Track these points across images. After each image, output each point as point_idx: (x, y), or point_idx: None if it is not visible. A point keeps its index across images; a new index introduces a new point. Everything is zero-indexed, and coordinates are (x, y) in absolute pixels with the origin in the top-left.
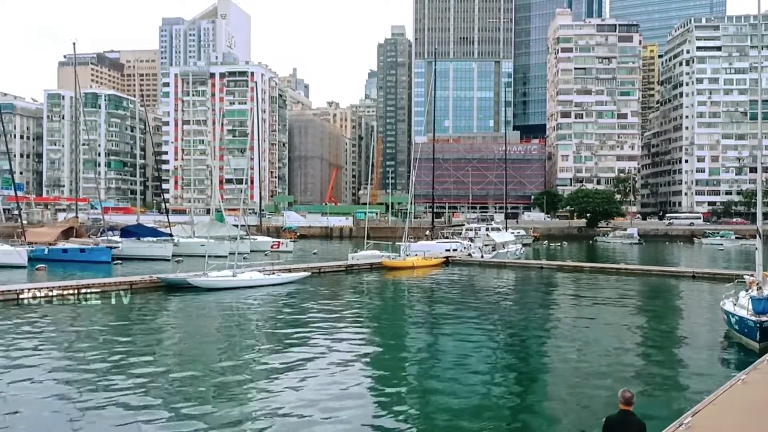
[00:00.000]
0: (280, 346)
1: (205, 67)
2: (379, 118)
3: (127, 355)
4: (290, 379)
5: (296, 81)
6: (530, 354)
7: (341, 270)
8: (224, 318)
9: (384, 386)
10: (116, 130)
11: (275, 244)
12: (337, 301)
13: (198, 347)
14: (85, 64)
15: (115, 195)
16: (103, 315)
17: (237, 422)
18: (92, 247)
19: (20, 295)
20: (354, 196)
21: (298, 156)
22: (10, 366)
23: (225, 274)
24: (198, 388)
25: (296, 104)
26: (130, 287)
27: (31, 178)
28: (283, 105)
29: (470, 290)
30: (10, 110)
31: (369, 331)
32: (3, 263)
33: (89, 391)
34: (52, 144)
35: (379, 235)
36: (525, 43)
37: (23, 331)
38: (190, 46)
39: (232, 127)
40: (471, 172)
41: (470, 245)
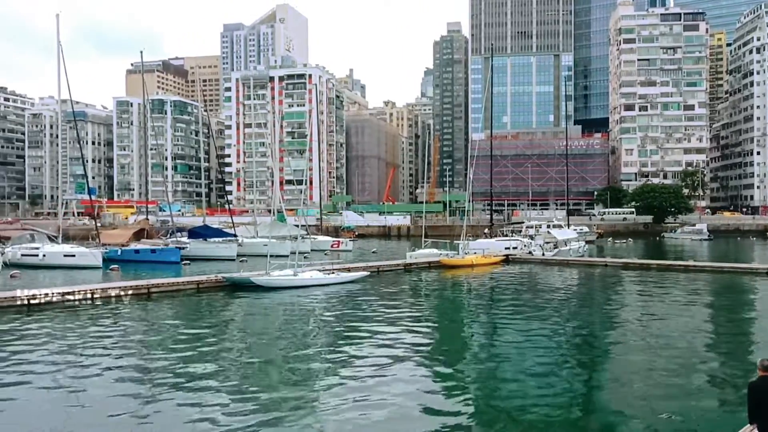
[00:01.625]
0: (341, 345)
1: (265, 70)
2: (435, 116)
3: (193, 352)
4: (351, 377)
5: (353, 81)
6: (596, 355)
7: (400, 269)
8: (286, 316)
9: (446, 387)
10: (181, 134)
11: (335, 243)
12: (396, 299)
13: (260, 345)
14: (151, 72)
15: (182, 197)
16: (172, 313)
17: (298, 418)
18: (162, 247)
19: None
20: (411, 195)
21: (356, 156)
22: (85, 361)
23: (286, 273)
24: (261, 384)
25: (353, 104)
26: (197, 286)
27: (103, 182)
28: (340, 106)
29: (531, 289)
30: (82, 118)
31: (429, 330)
32: (80, 264)
33: (156, 386)
34: (121, 149)
35: (437, 234)
36: (585, 36)
37: (97, 329)
38: (250, 50)
39: (291, 128)
40: (530, 168)
41: (531, 243)
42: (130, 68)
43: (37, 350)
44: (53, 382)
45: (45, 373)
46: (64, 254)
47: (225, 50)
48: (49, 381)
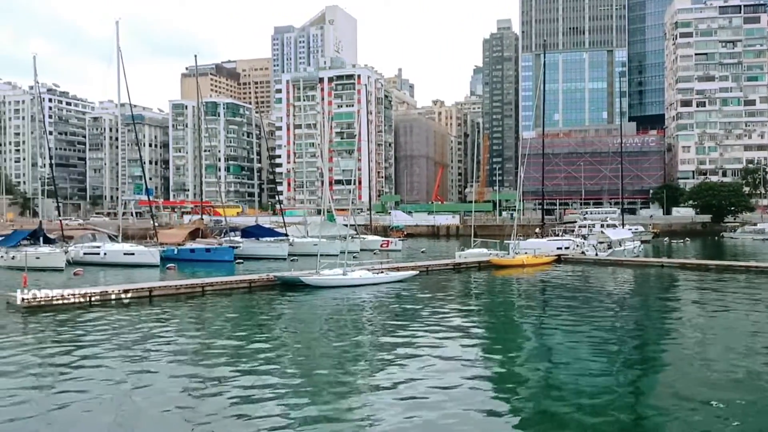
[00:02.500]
0: (390, 344)
1: (314, 72)
2: (485, 115)
3: (245, 349)
4: (400, 376)
5: (401, 81)
6: (650, 359)
7: (449, 268)
8: (335, 315)
9: (496, 388)
10: (234, 136)
11: (384, 243)
12: (446, 299)
13: (310, 343)
14: (205, 75)
15: (234, 198)
16: (225, 311)
17: (348, 416)
18: (216, 247)
19: (152, 293)
20: (460, 194)
21: (404, 155)
22: (142, 355)
23: (336, 272)
24: (312, 382)
25: (401, 104)
26: (249, 285)
27: (159, 183)
28: (388, 106)
29: (584, 289)
30: (140, 120)
31: (479, 330)
32: (139, 262)
33: (210, 382)
34: (177, 151)
35: (486, 233)
36: (640, 30)
37: (154, 325)
38: (300, 52)
39: (340, 129)
40: (583, 166)
41: (583, 243)
42: (185, 72)
43: (98, 344)
44: (113, 374)
45: (105, 366)
46: (123, 253)
47: (276, 52)
48: (110, 374)
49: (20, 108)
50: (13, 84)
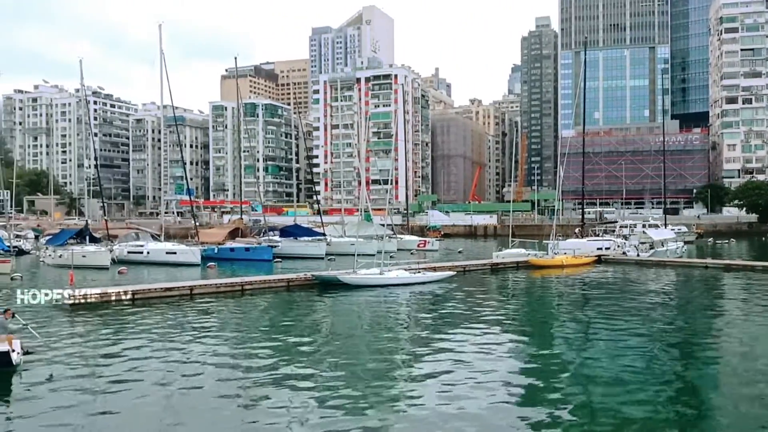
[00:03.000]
0: (426, 344)
1: (351, 72)
2: (523, 113)
3: (284, 346)
4: (437, 377)
5: (438, 80)
6: (693, 363)
7: (486, 269)
8: (372, 314)
9: (535, 391)
10: (272, 137)
11: (421, 243)
12: (483, 299)
13: (347, 341)
14: (244, 77)
15: (272, 197)
16: (264, 309)
17: (384, 415)
18: (256, 246)
19: (193, 291)
20: (498, 194)
21: (441, 155)
22: (184, 351)
23: (373, 272)
24: (348, 380)
25: (438, 104)
26: (287, 284)
27: (200, 183)
28: (425, 105)
29: (625, 291)
30: (181, 122)
31: (517, 331)
32: (180, 261)
33: (249, 378)
34: (216, 152)
35: (524, 233)
36: (683, 26)
37: (195, 322)
38: (337, 53)
39: (377, 129)
40: (624, 165)
41: (624, 243)
42: (225, 74)
43: (141, 341)
44: (156, 370)
45: (148, 361)
46: (166, 252)
47: (313, 53)
48: (152, 369)
49: (66, 110)
50: (60, 87)
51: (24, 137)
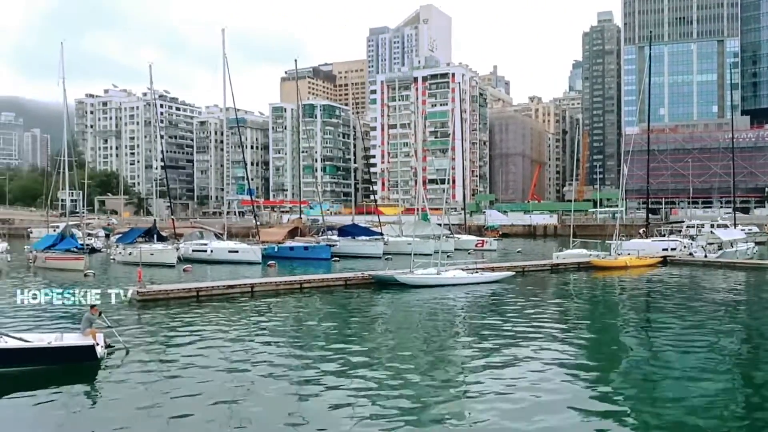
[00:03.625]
0: (484, 345)
1: (408, 72)
2: (584, 111)
3: (341, 344)
4: (494, 377)
5: (496, 78)
6: (764, 370)
7: (546, 269)
8: (429, 314)
9: (595, 395)
10: (330, 137)
11: (479, 242)
12: (543, 301)
13: (404, 342)
14: (303, 78)
15: (330, 197)
16: (322, 307)
17: (440, 416)
18: (314, 245)
19: (254, 289)
20: (558, 193)
21: (499, 154)
22: (242, 349)
23: (430, 271)
24: (404, 379)
25: (497, 102)
26: (345, 283)
27: (260, 183)
28: (483, 103)
29: (692, 293)
30: (243, 124)
31: (577, 333)
32: (242, 259)
33: (306, 375)
34: (276, 152)
35: (586, 234)
36: (754, 18)
37: (256, 319)
38: (394, 53)
39: (434, 128)
40: (691, 163)
41: (691, 244)
42: (284, 76)
43: (204, 336)
44: (217, 366)
45: (210, 356)
46: (228, 250)
47: (371, 54)
48: (214, 364)
49: (135, 114)
50: (129, 91)
51: (95, 140)
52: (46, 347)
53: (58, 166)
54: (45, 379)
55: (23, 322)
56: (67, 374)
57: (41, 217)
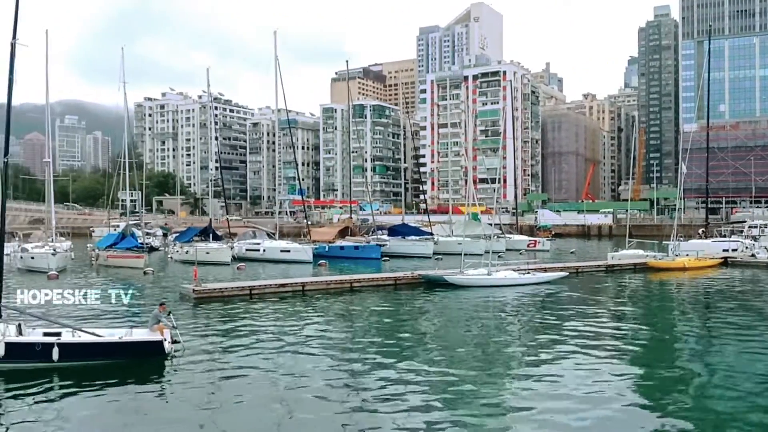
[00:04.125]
0: (534, 346)
1: (459, 70)
2: (640, 108)
3: (389, 343)
4: (545, 380)
5: (549, 76)
6: None
7: (601, 270)
8: (479, 315)
9: (651, 401)
10: (380, 137)
11: (531, 243)
12: (597, 302)
13: (454, 342)
14: (353, 79)
15: (380, 197)
16: (372, 307)
17: (490, 418)
18: (365, 245)
19: (305, 287)
20: (613, 192)
21: (552, 152)
22: (292, 346)
23: (480, 272)
24: (453, 379)
25: (549, 99)
26: (394, 282)
27: (311, 183)
28: (535, 101)
29: (754, 296)
30: (294, 125)
31: (633, 336)
32: (293, 259)
33: (355, 373)
34: (326, 152)
35: (642, 234)
36: None
37: (306, 318)
38: (444, 51)
39: (485, 127)
40: (754, 161)
41: (754, 244)
42: (334, 77)
43: (256, 333)
44: (269, 362)
45: (261, 353)
46: (280, 249)
47: (421, 53)
48: (265, 360)
49: (191, 116)
50: (185, 94)
51: (153, 141)
52: (118, 342)
53: (118, 167)
54: (114, 372)
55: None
56: (135, 368)
57: (100, 216)
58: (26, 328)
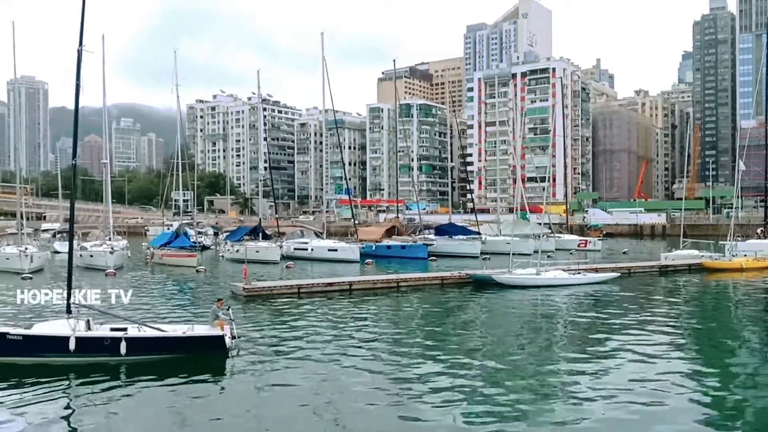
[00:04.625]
0: (584, 349)
1: (507, 68)
2: (695, 104)
3: (436, 343)
4: (594, 382)
5: (600, 72)
6: None
7: (654, 271)
8: (527, 315)
9: (708, 410)
10: (426, 136)
11: (582, 242)
12: (650, 303)
13: (502, 342)
14: (399, 78)
15: (426, 196)
16: (418, 306)
17: (536, 418)
18: (411, 244)
19: (352, 286)
20: (667, 191)
21: (603, 150)
22: (339, 344)
23: (529, 271)
24: (503, 381)
25: (600, 96)
26: (441, 282)
27: (357, 183)
28: (586, 98)
29: None
30: (341, 125)
31: (688, 339)
32: (341, 258)
33: (401, 372)
34: (373, 152)
35: (697, 233)
36: None
37: (353, 317)
38: (492, 49)
39: (534, 125)
40: None
41: None
42: (381, 76)
43: (304, 330)
44: (316, 359)
45: (309, 349)
46: (328, 249)
47: (468, 51)
48: (313, 357)
49: (240, 117)
50: (235, 96)
51: (204, 143)
52: (182, 336)
53: (171, 168)
54: (177, 367)
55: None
56: (198, 363)
57: (153, 215)
58: (94, 323)
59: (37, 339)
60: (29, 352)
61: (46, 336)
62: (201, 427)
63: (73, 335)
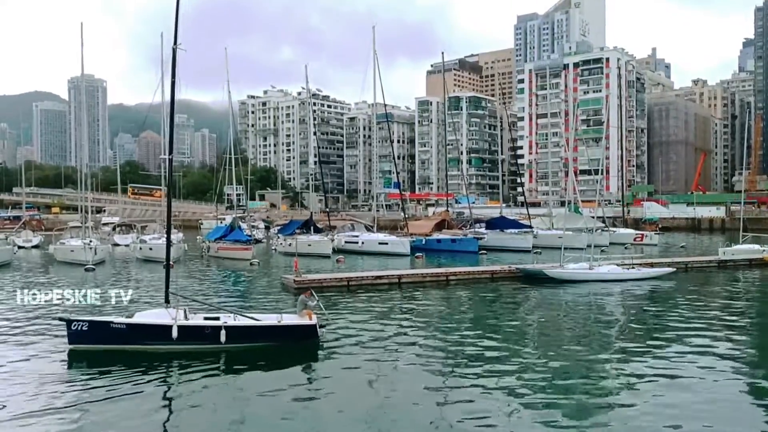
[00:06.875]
0: (639, 344)
1: (558, 59)
2: (757, 93)
3: (486, 338)
4: (651, 380)
5: (655, 61)
6: None
7: (712, 266)
8: (579, 310)
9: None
10: (476, 129)
11: (638, 237)
12: (708, 299)
13: (554, 338)
14: (448, 71)
15: (476, 190)
16: (467, 300)
17: (587, 416)
18: (462, 237)
19: (401, 280)
20: (726, 183)
21: (659, 142)
22: (392, 339)
23: (582, 266)
24: (555, 376)
25: (656, 86)
26: (491, 276)
27: (406, 177)
28: (641, 89)
29: None
30: (390, 119)
31: (747, 337)
32: (391, 251)
33: (448, 366)
34: (422, 146)
35: (758, 227)
36: None
37: (402, 310)
38: (543, 40)
39: (586, 116)
40: None
41: None
42: (430, 69)
43: (355, 324)
44: (369, 352)
45: (362, 343)
46: (378, 242)
47: (518, 42)
48: (364, 351)
49: (290, 112)
50: (285, 91)
51: (255, 138)
52: (278, 325)
53: (224, 162)
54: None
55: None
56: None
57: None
58: (190, 313)
59: (141, 327)
60: (134, 340)
61: (150, 324)
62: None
63: (175, 324)
